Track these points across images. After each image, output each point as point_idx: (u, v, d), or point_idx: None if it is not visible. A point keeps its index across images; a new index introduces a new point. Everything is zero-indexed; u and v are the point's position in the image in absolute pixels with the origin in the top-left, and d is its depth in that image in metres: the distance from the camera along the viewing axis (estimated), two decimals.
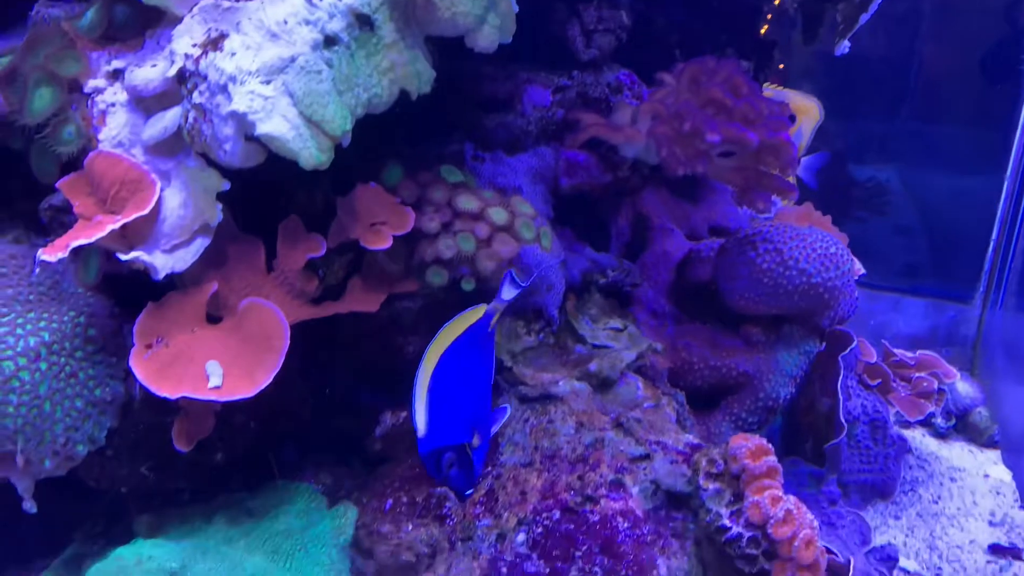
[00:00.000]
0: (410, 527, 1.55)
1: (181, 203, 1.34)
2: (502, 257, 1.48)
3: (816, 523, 1.41)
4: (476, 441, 1.35)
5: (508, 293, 1.40)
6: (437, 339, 1.37)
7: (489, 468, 1.59)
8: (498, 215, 1.50)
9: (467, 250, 1.47)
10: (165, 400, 1.44)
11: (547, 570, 1.41)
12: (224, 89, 1.23)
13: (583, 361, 1.67)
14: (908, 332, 3.35)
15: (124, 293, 1.51)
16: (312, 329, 1.52)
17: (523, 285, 1.40)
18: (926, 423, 2.95)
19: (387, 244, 1.41)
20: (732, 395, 1.88)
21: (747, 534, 1.39)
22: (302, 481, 1.70)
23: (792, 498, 1.41)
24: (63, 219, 1.48)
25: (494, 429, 1.43)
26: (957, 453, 2.79)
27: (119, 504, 1.74)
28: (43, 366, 1.41)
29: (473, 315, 1.40)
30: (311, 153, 1.22)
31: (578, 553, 1.42)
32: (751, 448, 1.43)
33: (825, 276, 1.79)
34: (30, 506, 1.51)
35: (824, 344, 1.96)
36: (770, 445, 1.45)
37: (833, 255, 1.80)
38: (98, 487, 1.65)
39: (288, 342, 1.35)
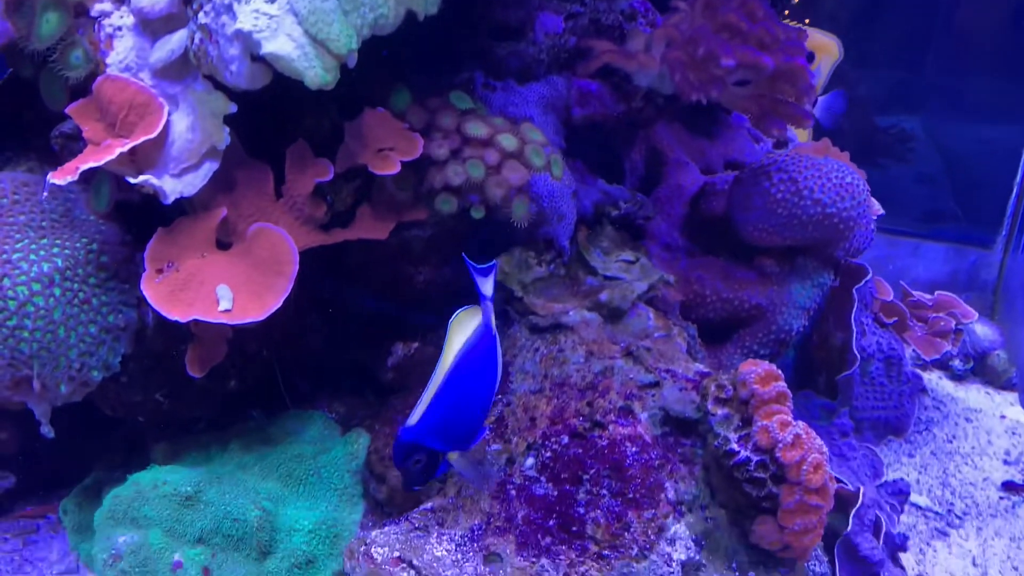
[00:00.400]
0: None
1: (189, 127, 1.33)
2: (511, 184, 1.47)
3: (825, 448, 1.41)
4: (452, 456, 1.28)
5: (487, 287, 1.32)
6: (450, 339, 1.27)
7: (499, 396, 1.59)
8: (508, 141, 1.49)
9: (476, 177, 1.45)
10: (177, 326, 1.45)
11: (555, 492, 1.42)
12: (229, 9, 1.22)
13: (594, 292, 1.66)
14: (928, 277, 3.32)
15: (135, 221, 1.52)
16: (322, 258, 1.52)
17: (491, 266, 1.33)
18: (943, 366, 2.94)
19: (395, 170, 1.40)
20: (744, 328, 1.87)
21: (755, 458, 1.39)
22: (316, 410, 1.72)
23: (802, 423, 1.40)
24: (74, 147, 1.48)
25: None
26: (974, 395, 2.77)
27: (137, 434, 1.77)
28: (57, 292, 1.42)
29: (469, 317, 1.31)
30: (316, 73, 1.21)
31: (586, 476, 1.43)
32: (760, 374, 1.42)
33: (840, 206, 1.76)
34: (47, 431, 1.54)
35: (838, 278, 1.94)
36: (780, 371, 1.44)
37: (849, 185, 1.77)
38: (115, 416, 1.68)
39: (297, 267, 1.36)
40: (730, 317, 1.87)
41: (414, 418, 1.21)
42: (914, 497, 2.16)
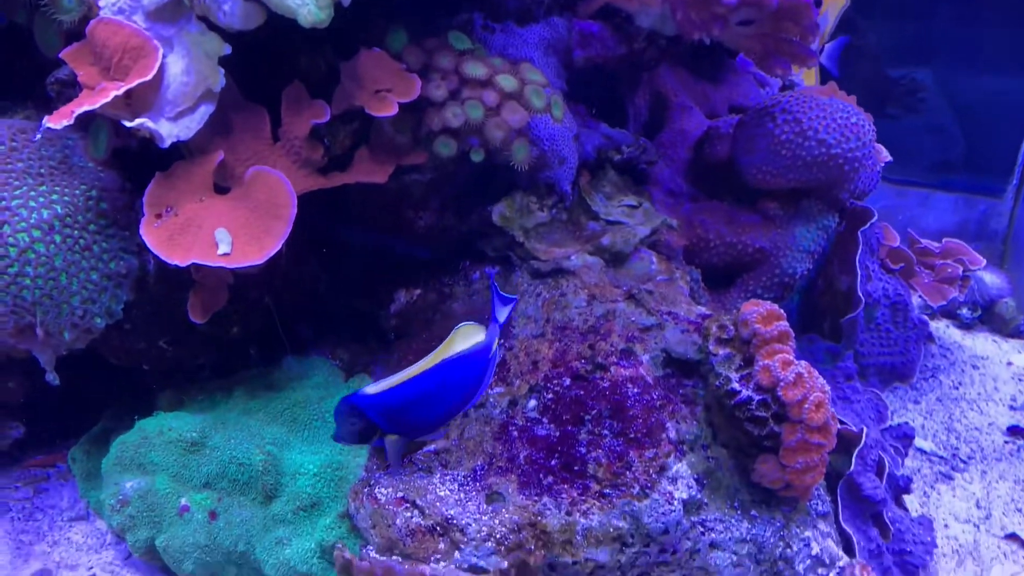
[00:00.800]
0: None
1: (184, 69, 1.32)
2: (511, 126, 1.45)
3: (827, 388, 1.41)
4: (390, 437, 1.25)
5: (501, 314, 1.30)
6: (448, 341, 1.27)
7: (502, 341, 1.59)
8: (507, 82, 1.47)
9: (475, 118, 1.44)
10: (179, 272, 1.46)
11: (557, 433, 1.43)
12: None
13: (596, 236, 1.66)
14: (937, 227, 3.29)
15: (134, 168, 1.51)
16: (322, 203, 1.51)
17: (512, 299, 1.34)
18: (951, 315, 2.93)
19: (392, 111, 1.39)
20: (748, 272, 1.86)
21: (757, 397, 1.39)
22: (319, 356, 1.73)
23: (804, 363, 1.40)
24: (70, 93, 1.47)
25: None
26: (981, 343, 2.76)
27: (143, 383, 1.78)
28: (57, 239, 1.42)
29: (474, 332, 1.29)
30: (309, 10, 1.20)
31: (588, 417, 1.43)
32: (762, 313, 1.41)
33: (845, 147, 1.74)
34: (53, 378, 1.55)
35: (843, 222, 1.93)
36: (782, 311, 1.43)
37: (854, 125, 1.75)
38: (120, 365, 1.69)
39: (295, 210, 1.35)
40: (734, 261, 1.86)
41: (374, 388, 1.21)
42: (919, 442, 2.17)
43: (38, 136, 1.35)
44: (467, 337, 1.29)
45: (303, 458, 1.56)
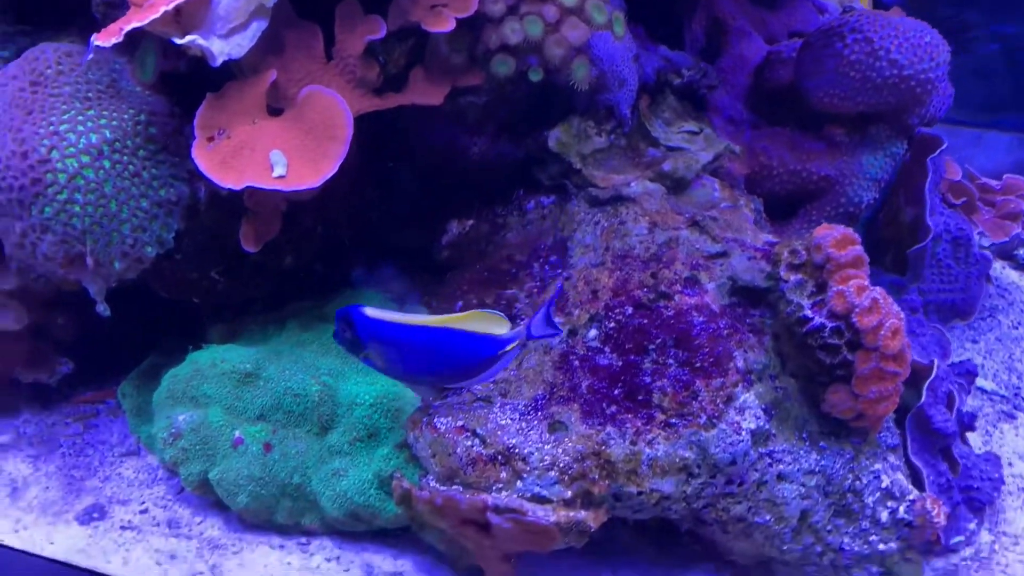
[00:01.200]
0: None
1: None
2: (571, 43, 1.40)
3: (903, 315, 1.36)
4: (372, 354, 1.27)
5: (539, 330, 1.26)
6: (469, 314, 1.26)
7: (559, 271, 1.56)
8: None
9: (534, 35, 1.39)
10: (231, 200, 1.43)
11: (620, 362, 1.40)
12: None
13: (657, 162, 1.60)
14: (992, 167, 3.20)
15: (182, 93, 1.48)
16: (375, 128, 1.47)
17: (558, 331, 1.31)
18: (1007, 256, 2.85)
19: (449, 26, 1.34)
20: (811, 201, 1.81)
21: (830, 324, 1.35)
22: (371, 289, 1.70)
23: (879, 288, 1.35)
24: (116, 14, 1.43)
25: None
26: None
27: (193, 317, 1.77)
28: (107, 164, 1.40)
29: (492, 321, 1.26)
30: None
31: (651, 346, 1.40)
32: (836, 237, 1.36)
33: (918, 68, 1.66)
34: (103, 309, 1.53)
35: (910, 149, 1.86)
36: (856, 235, 1.38)
37: (928, 45, 1.67)
38: (170, 298, 1.67)
39: (351, 131, 1.31)
40: (797, 190, 1.80)
41: (376, 314, 1.23)
42: (980, 381, 2.11)
43: (88, 57, 1.31)
44: (486, 323, 1.27)
45: (358, 389, 1.54)
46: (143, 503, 1.64)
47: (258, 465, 1.51)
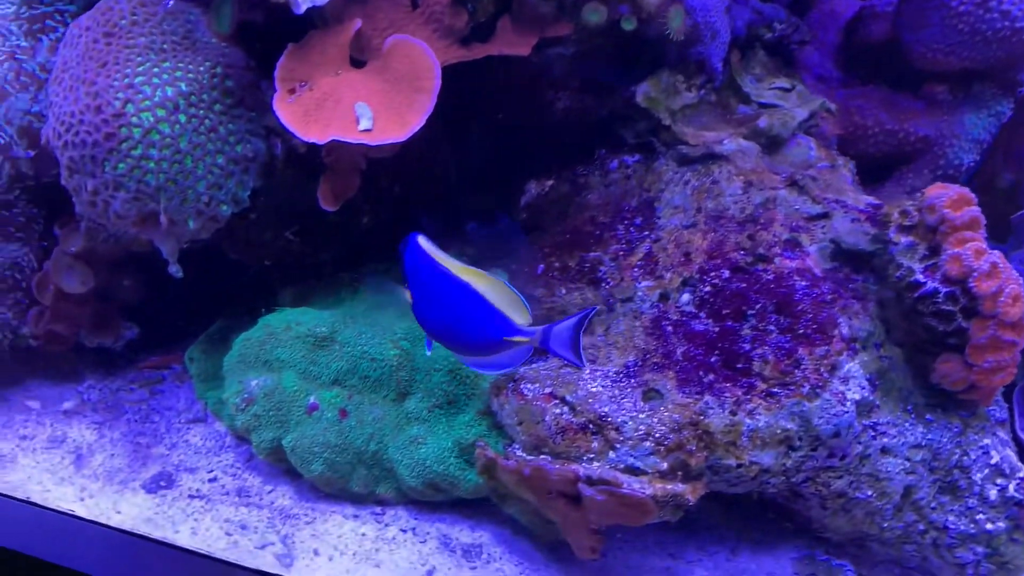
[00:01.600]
0: (563, 291, 1.50)
1: None
2: None
3: (1023, 280, 1.29)
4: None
5: (558, 345, 1.15)
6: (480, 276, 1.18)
7: (646, 232, 1.50)
8: None
9: None
10: (308, 156, 1.39)
11: (717, 328, 1.35)
12: None
13: (750, 119, 1.54)
14: None
15: (258, 45, 1.44)
16: (455, 82, 1.42)
17: (580, 364, 1.16)
18: None
19: None
20: (907, 164, 1.73)
21: (944, 289, 1.28)
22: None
23: (997, 252, 1.28)
24: None
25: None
26: None
27: (262, 281, 1.74)
28: (182, 119, 1.36)
29: (513, 301, 1.17)
30: None
31: (751, 311, 1.34)
32: (952, 196, 1.29)
33: None
34: (176, 270, 1.51)
35: (1015, 110, 1.77)
36: (973, 195, 1.31)
37: None
38: (240, 260, 1.64)
39: (439, 83, 1.27)
40: (894, 152, 1.72)
41: (427, 247, 1.18)
42: None
43: (169, 5, 1.28)
44: (507, 300, 1.17)
45: (436, 353, 1.50)
46: (212, 471, 1.63)
47: (334, 432, 1.49)
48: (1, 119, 1.55)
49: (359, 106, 1.24)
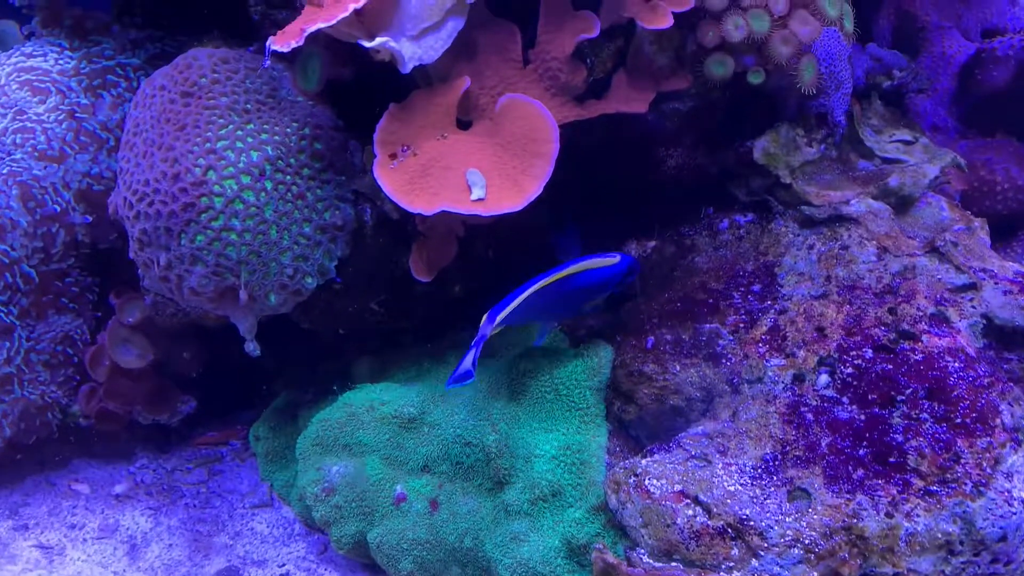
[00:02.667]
0: (677, 367, 1.40)
1: None
2: (800, 40, 1.25)
3: None
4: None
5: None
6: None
7: (768, 302, 1.41)
8: None
9: (760, 31, 1.24)
10: (401, 222, 1.30)
11: (863, 416, 1.24)
12: None
13: (877, 176, 1.45)
14: None
15: (347, 104, 1.36)
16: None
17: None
18: None
19: (667, 23, 1.20)
20: None
21: None
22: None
23: None
24: (276, 16, 1.33)
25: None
26: None
27: (330, 348, 1.64)
28: (268, 185, 1.28)
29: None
30: None
31: (900, 397, 1.24)
32: None
33: None
34: (253, 348, 1.42)
35: None
36: None
37: None
38: (312, 328, 1.55)
39: (557, 146, 1.18)
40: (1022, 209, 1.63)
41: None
42: None
43: (267, 63, 1.19)
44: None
45: (536, 437, 1.40)
46: (283, 565, 1.53)
47: (424, 526, 1.39)
48: (58, 183, 1.46)
49: (471, 173, 1.15)
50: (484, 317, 1.25)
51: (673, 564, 1.20)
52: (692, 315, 1.45)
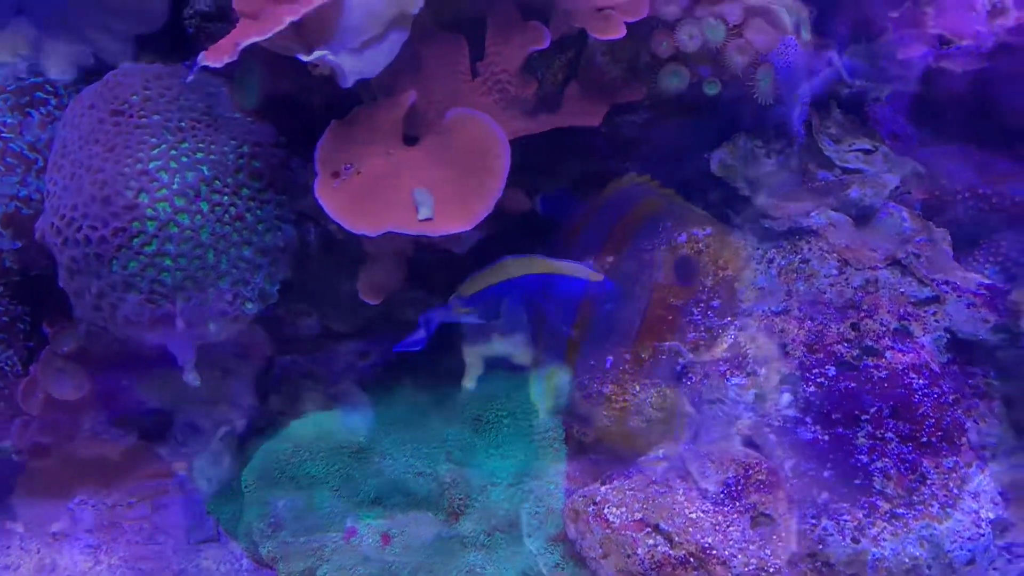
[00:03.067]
0: (637, 388, 1.37)
1: None
2: (757, 50, 1.24)
3: None
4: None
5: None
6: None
7: (728, 319, 1.38)
8: None
9: (715, 40, 1.22)
10: (347, 243, 1.27)
11: (826, 436, 1.22)
12: None
13: (838, 187, 1.43)
14: None
15: (288, 119, 1.32)
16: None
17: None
18: None
19: (620, 33, 1.17)
20: (1000, 233, 1.62)
21: None
22: None
23: None
24: (212, 28, 1.28)
25: None
26: None
27: (283, 372, 1.60)
28: (204, 207, 1.23)
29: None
30: None
31: (865, 416, 1.22)
32: None
33: None
34: (192, 378, 1.37)
35: None
36: None
37: None
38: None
39: (508, 162, 1.14)
40: (983, 219, 1.62)
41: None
42: None
43: (190, 78, 1.14)
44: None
45: (491, 464, 1.37)
46: None
47: (376, 561, 1.35)
48: None
49: (418, 192, 1.12)
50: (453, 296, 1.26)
51: None
52: (651, 332, 1.42)
